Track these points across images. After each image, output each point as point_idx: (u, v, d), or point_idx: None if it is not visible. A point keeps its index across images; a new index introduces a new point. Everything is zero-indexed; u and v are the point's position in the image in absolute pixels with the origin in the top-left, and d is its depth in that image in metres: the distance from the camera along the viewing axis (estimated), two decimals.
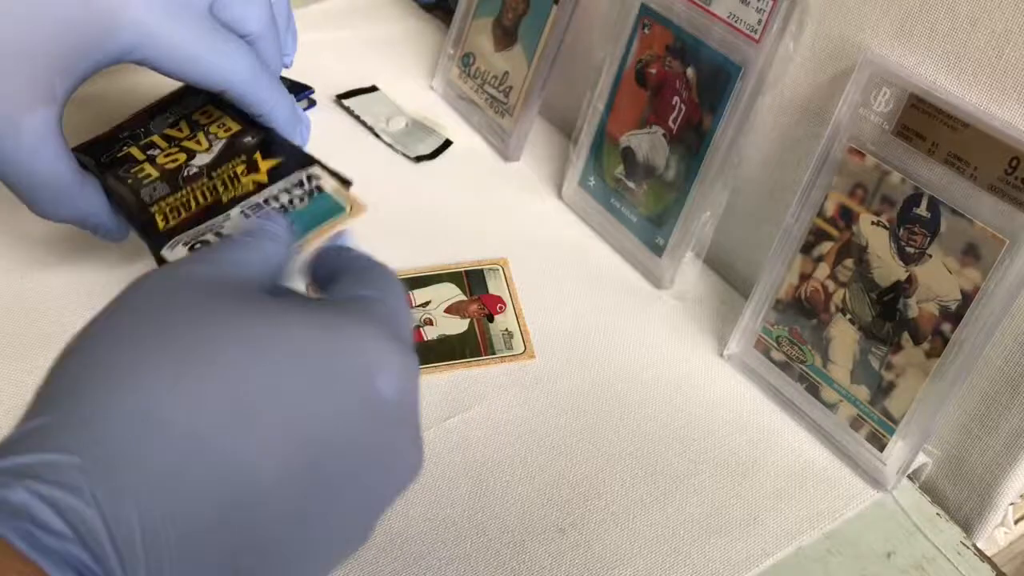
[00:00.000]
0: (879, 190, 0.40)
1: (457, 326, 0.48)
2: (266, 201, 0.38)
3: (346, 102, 0.63)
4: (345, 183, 0.39)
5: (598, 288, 0.51)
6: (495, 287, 0.50)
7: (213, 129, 0.44)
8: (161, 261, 0.37)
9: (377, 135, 0.61)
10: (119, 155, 0.43)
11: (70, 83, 0.38)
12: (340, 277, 0.31)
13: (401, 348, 0.27)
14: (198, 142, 0.43)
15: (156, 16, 0.38)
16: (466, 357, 0.46)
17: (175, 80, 0.41)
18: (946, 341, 0.38)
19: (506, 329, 0.48)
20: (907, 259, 0.39)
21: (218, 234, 0.37)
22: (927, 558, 0.39)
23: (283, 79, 0.62)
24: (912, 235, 0.39)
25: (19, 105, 0.36)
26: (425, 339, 0.47)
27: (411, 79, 0.66)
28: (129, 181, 0.41)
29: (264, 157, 0.41)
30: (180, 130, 0.44)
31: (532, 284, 0.51)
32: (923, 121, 0.38)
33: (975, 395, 0.40)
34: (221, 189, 0.40)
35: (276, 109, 0.42)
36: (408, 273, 0.50)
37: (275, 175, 0.40)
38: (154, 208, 0.40)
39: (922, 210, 0.38)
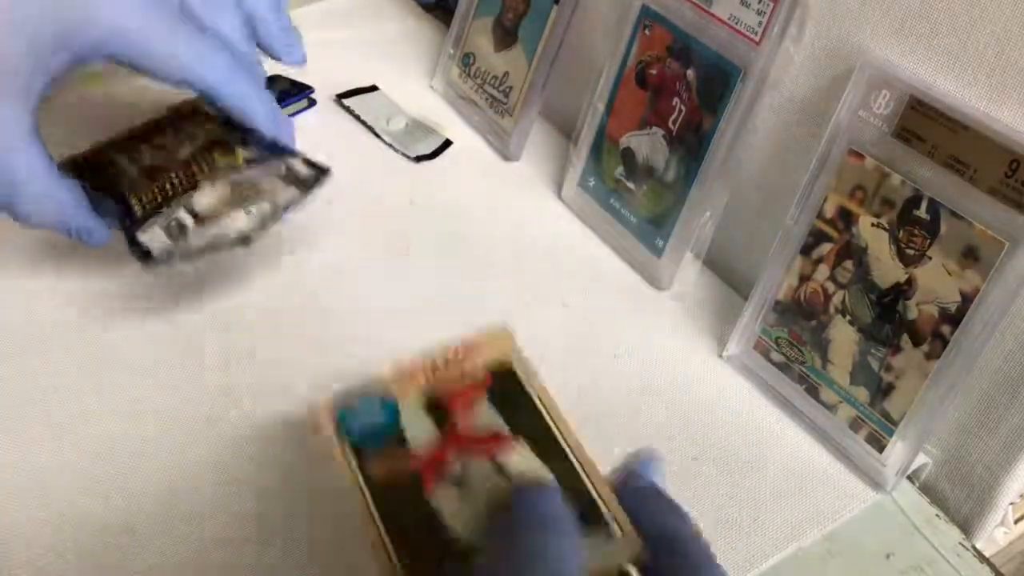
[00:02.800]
0: (879, 192, 0.40)
1: None
2: (238, 171, 0.39)
3: (346, 102, 0.63)
4: (322, 171, 0.40)
5: (597, 289, 0.51)
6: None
7: (193, 129, 0.44)
8: (134, 243, 0.38)
9: (377, 135, 0.61)
10: (103, 160, 0.43)
11: (42, 78, 0.37)
12: None
13: None
14: (180, 142, 0.43)
15: (129, 8, 0.37)
16: None
17: (150, 78, 0.40)
18: (945, 343, 0.38)
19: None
20: (907, 261, 0.39)
21: (189, 209, 0.38)
22: (926, 559, 0.40)
23: (283, 79, 0.62)
24: (912, 237, 0.39)
25: None
26: None
27: (411, 79, 0.66)
28: (111, 180, 0.42)
29: (244, 148, 0.42)
30: (164, 139, 0.44)
31: (531, 284, 0.51)
32: (923, 123, 0.38)
33: (974, 395, 0.40)
34: (198, 172, 0.41)
35: (254, 111, 0.42)
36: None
37: (252, 162, 0.40)
38: (133, 199, 0.40)
39: (922, 212, 0.38)
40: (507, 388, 0.32)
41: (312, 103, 0.63)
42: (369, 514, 0.29)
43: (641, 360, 0.47)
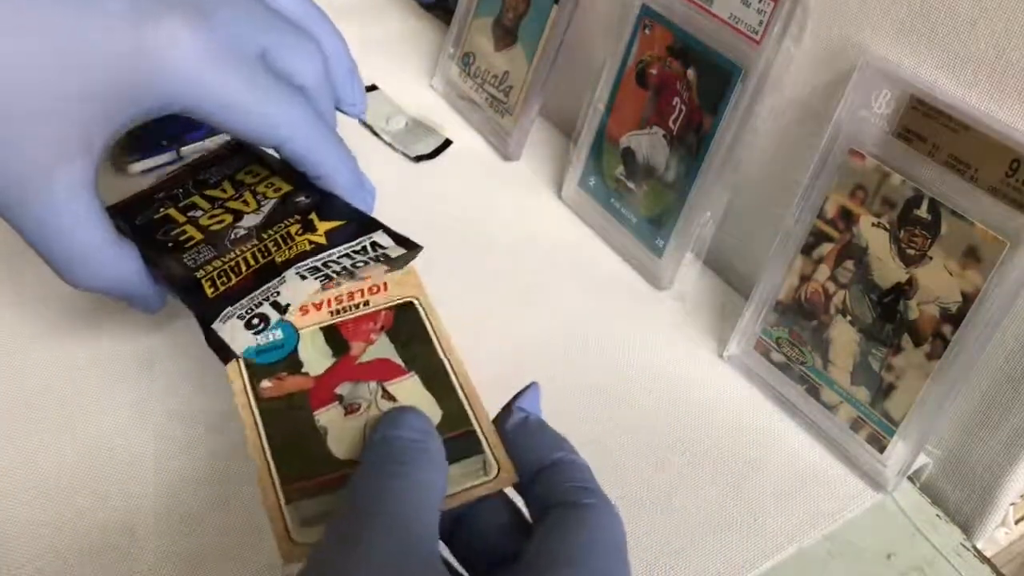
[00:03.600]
0: (880, 192, 0.39)
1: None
2: (324, 264, 0.33)
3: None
4: (412, 247, 0.35)
5: (597, 289, 0.51)
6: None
7: (261, 189, 0.39)
8: (210, 334, 0.32)
9: (377, 135, 0.61)
10: (156, 216, 0.39)
11: (108, 134, 0.34)
12: (552, 516, 0.27)
13: None
14: (245, 202, 0.39)
15: (204, 61, 0.33)
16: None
17: (224, 133, 0.37)
18: (946, 343, 0.38)
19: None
20: (908, 261, 0.39)
21: (275, 304, 0.32)
22: (927, 560, 0.39)
23: None
24: (913, 237, 0.39)
25: (51, 157, 0.32)
26: None
27: (411, 79, 0.66)
28: (170, 244, 0.37)
29: (321, 218, 0.36)
30: (223, 191, 0.40)
31: (531, 284, 0.51)
32: (924, 123, 0.38)
33: (975, 395, 0.40)
34: (274, 250, 0.35)
35: (337, 170, 0.38)
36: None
37: (334, 237, 0.35)
38: (200, 273, 0.35)
39: (923, 212, 0.38)
40: (407, 326, 0.33)
41: None
42: (254, 426, 0.30)
43: (641, 360, 0.47)
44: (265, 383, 0.31)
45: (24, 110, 0.31)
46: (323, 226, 0.36)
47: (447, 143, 0.61)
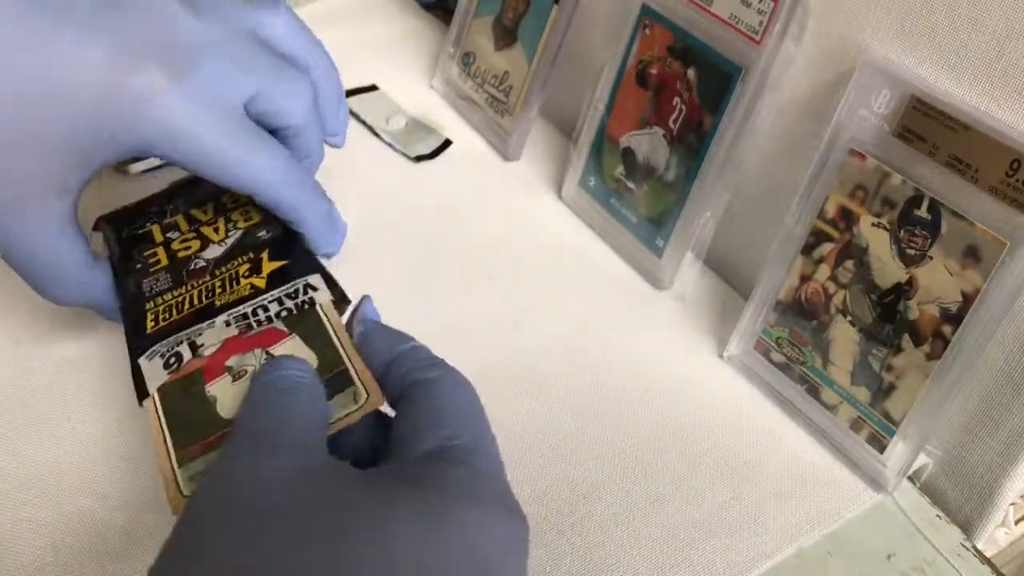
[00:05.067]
0: (880, 192, 0.39)
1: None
2: (253, 311, 0.36)
3: (346, 101, 0.63)
4: (342, 300, 0.37)
5: (597, 289, 0.51)
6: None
7: (235, 217, 0.42)
8: (136, 369, 0.35)
9: (377, 135, 0.61)
10: (140, 232, 0.41)
11: (84, 175, 0.35)
12: (408, 398, 0.30)
13: (515, 520, 0.27)
14: (216, 230, 0.41)
15: (183, 111, 0.34)
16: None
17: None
18: (946, 343, 0.38)
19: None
20: (908, 261, 0.39)
21: (192, 343, 0.35)
22: (927, 560, 0.39)
23: None
24: (913, 237, 0.39)
25: (30, 196, 0.34)
26: None
27: (411, 79, 0.66)
28: (138, 265, 0.40)
29: (271, 257, 0.39)
30: (205, 211, 0.42)
31: (531, 284, 0.51)
32: (924, 123, 0.38)
33: (976, 395, 0.40)
34: (218, 291, 0.38)
35: (307, 218, 0.39)
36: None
37: (275, 280, 0.37)
38: (149, 304, 0.38)
39: (923, 212, 0.38)
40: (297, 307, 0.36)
41: None
42: (153, 408, 0.33)
43: (641, 360, 0.47)
44: (167, 377, 0.34)
45: (1, 149, 0.33)
46: (269, 267, 0.38)
47: (447, 143, 0.61)
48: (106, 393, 0.42)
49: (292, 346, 0.34)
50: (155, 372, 0.35)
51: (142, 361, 0.35)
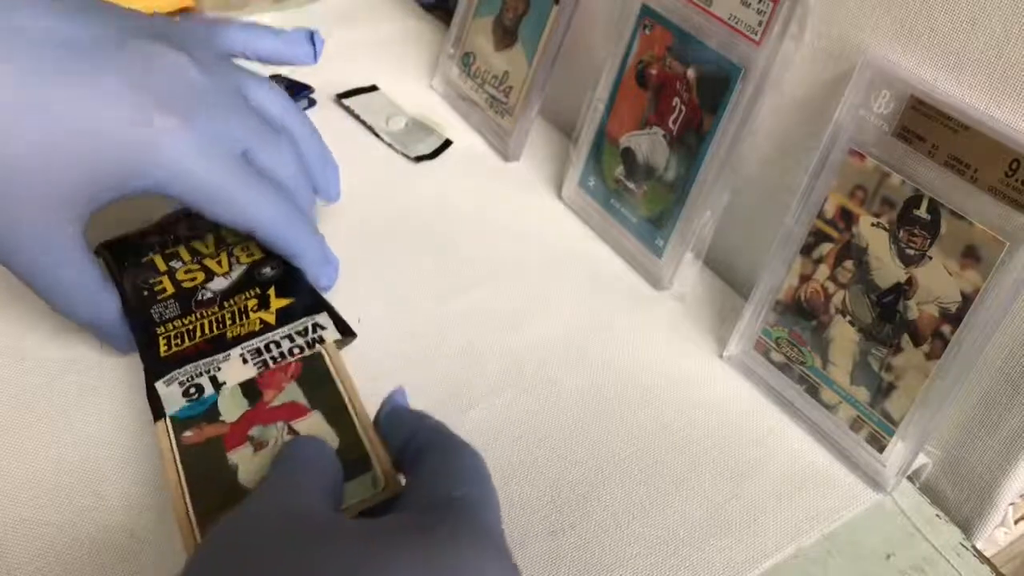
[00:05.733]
0: (879, 192, 0.40)
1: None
2: (266, 347, 0.38)
3: (346, 102, 0.63)
4: (348, 334, 0.39)
5: (597, 289, 0.51)
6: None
7: (237, 252, 0.43)
8: (152, 391, 0.36)
9: (377, 135, 0.61)
10: (143, 261, 0.43)
11: (95, 207, 0.37)
12: (422, 463, 0.32)
13: (508, 571, 0.28)
14: (219, 263, 0.43)
15: (194, 154, 0.37)
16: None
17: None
18: (946, 343, 0.38)
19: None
20: (907, 261, 0.39)
21: (213, 379, 0.36)
22: (927, 559, 0.40)
23: (282, 79, 0.62)
24: (912, 237, 0.39)
25: (42, 222, 0.36)
26: None
27: (411, 79, 0.66)
28: (145, 292, 0.41)
29: (278, 294, 0.41)
30: (206, 244, 0.44)
31: (531, 284, 0.51)
32: (923, 123, 0.38)
33: (975, 395, 0.40)
34: (228, 323, 0.39)
35: (303, 253, 0.42)
36: None
37: (283, 317, 0.39)
38: (160, 329, 0.39)
39: (922, 212, 0.38)
40: (314, 373, 0.37)
41: (312, 103, 0.63)
42: (175, 470, 0.34)
43: (640, 360, 0.47)
44: (187, 433, 0.35)
45: (20, 181, 0.35)
46: (277, 303, 0.40)
47: (447, 143, 0.61)
48: (107, 393, 0.42)
49: (313, 423, 0.35)
50: (173, 399, 0.36)
51: (159, 385, 0.37)
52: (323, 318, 0.39)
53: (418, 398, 0.36)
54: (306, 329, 0.39)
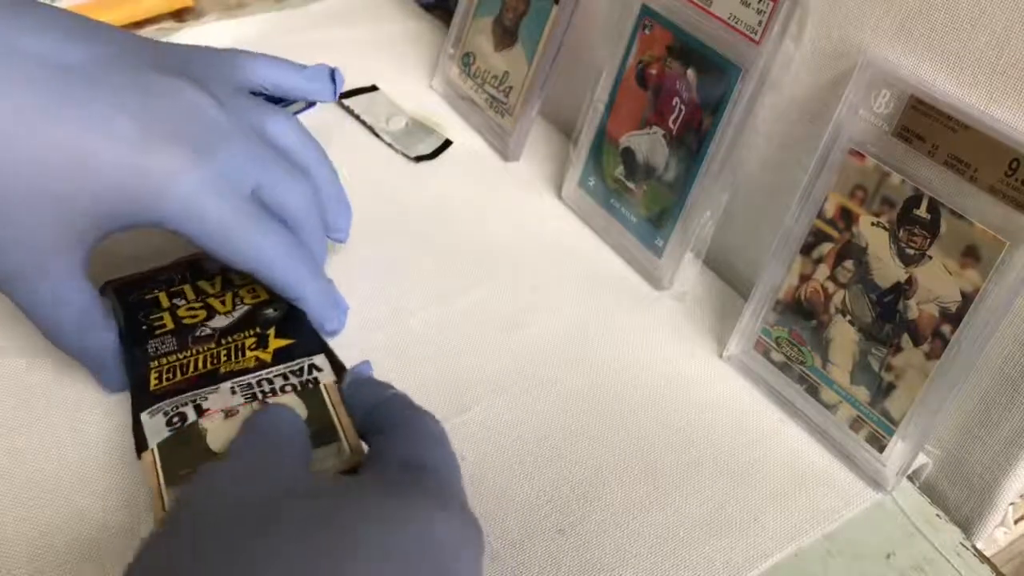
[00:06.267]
0: (879, 191, 0.40)
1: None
2: (258, 383, 0.37)
3: (346, 102, 0.63)
4: (342, 372, 0.39)
5: (597, 289, 0.51)
6: None
7: (243, 293, 0.43)
8: (137, 423, 0.36)
9: (377, 135, 0.61)
10: (146, 297, 0.43)
11: (98, 238, 0.37)
12: (386, 430, 0.33)
13: (469, 526, 0.29)
14: (223, 302, 0.43)
15: (201, 192, 0.37)
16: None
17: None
18: (946, 343, 0.38)
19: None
20: (907, 260, 0.39)
21: (197, 406, 0.36)
22: (927, 559, 0.40)
23: None
24: (912, 236, 0.39)
25: (43, 253, 0.36)
26: None
27: (411, 79, 0.66)
28: (144, 327, 0.41)
29: (278, 335, 0.41)
30: (213, 285, 0.44)
31: (531, 284, 0.51)
32: (923, 122, 0.38)
33: (975, 395, 0.40)
34: (223, 359, 0.39)
35: (307, 298, 0.42)
36: None
37: (280, 356, 0.39)
38: (153, 364, 0.39)
39: (922, 211, 0.38)
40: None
41: (312, 103, 0.63)
42: (152, 462, 0.34)
43: (640, 360, 0.47)
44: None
45: (25, 211, 0.35)
46: (275, 343, 0.40)
47: (447, 143, 0.61)
48: (106, 393, 0.42)
49: (286, 398, 0.36)
50: (156, 428, 0.36)
51: (143, 416, 0.37)
52: (320, 359, 0.39)
53: (418, 398, 0.36)
54: (302, 369, 0.38)
